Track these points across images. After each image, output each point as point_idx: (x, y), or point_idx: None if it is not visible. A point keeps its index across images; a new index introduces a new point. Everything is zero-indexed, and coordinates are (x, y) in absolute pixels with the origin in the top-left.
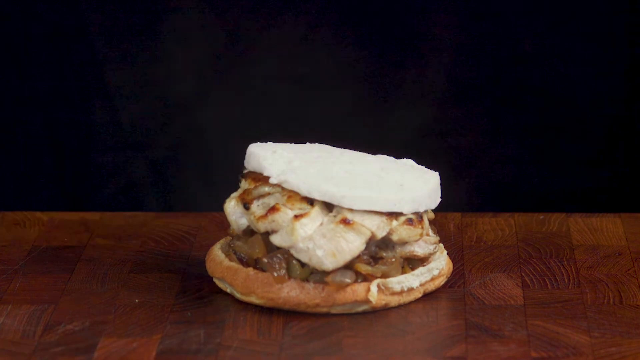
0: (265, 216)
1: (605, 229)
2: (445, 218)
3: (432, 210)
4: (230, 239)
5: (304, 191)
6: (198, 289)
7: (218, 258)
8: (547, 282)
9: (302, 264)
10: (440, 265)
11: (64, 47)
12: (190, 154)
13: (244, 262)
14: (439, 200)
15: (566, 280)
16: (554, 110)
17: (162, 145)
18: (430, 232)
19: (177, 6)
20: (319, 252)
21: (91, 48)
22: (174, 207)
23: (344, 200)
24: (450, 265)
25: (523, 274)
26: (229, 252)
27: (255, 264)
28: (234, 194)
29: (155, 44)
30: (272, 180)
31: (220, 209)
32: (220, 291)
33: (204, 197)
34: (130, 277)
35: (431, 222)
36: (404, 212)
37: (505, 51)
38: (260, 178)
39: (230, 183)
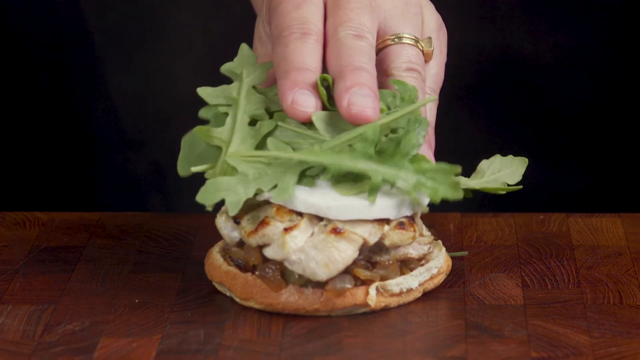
0: (255, 231)
1: (605, 229)
2: (445, 218)
3: (431, 209)
4: (227, 243)
5: (289, 205)
6: (198, 289)
7: (216, 262)
8: (547, 282)
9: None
10: (438, 263)
11: (63, 47)
12: None
13: (242, 268)
14: (427, 200)
15: (566, 280)
16: (553, 110)
17: (162, 145)
18: (425, 231)
19: (178, 5)
20: (312, 264)
21: (91, 47)
22: (174, 207)
23: (329, 212)
24: (449, 262)
25: (523, 274)
26: (226, 257)
27: (254, 269)
28: (224, 208)
29: (156, 42)
30: (258, 198)
31: (220, 209)
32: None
33: None
34: (130, 277)
35: (429, 219)
36: (392, 218)
37: (504, 52)
38: None
39: None
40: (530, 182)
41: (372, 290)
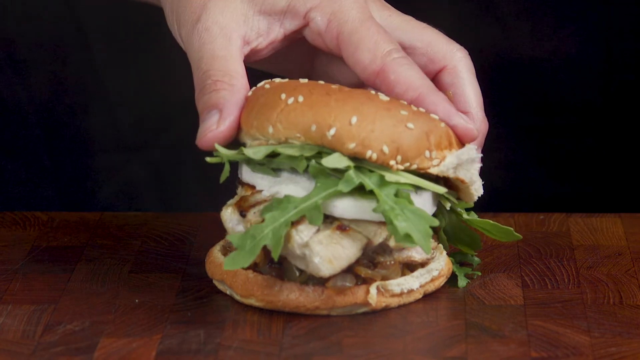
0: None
1: (605, 229)
2: None
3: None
4: (229, 241)
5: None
6: (198, 289)
7: (217, 260)
8: (547, 282)
9: (300, 270)
10: (439, 266)
11: (62, 48)
12: (189, 156)
13: None
14: (434, 209)
15: (566, 280)
16: (553, 111)
17: (161, 146)
18: None
19: None
20: (316, 259)
21: (89, 49)
22: (173, 209)
23: (334, 210)
24: (450, 265)
25: (523, 274)
26: (227, 254)
27: (255, 266)
28: (231, 202)
29: (154, 44)
30: (264, 194)
31: (219, 210)
32: (220, 291)
33: (203, 199)
34: (130, 277)
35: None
36: None
37: (505, 55)
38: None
39: (230, 185)
40: (530, 183)
41: (373, 289)
